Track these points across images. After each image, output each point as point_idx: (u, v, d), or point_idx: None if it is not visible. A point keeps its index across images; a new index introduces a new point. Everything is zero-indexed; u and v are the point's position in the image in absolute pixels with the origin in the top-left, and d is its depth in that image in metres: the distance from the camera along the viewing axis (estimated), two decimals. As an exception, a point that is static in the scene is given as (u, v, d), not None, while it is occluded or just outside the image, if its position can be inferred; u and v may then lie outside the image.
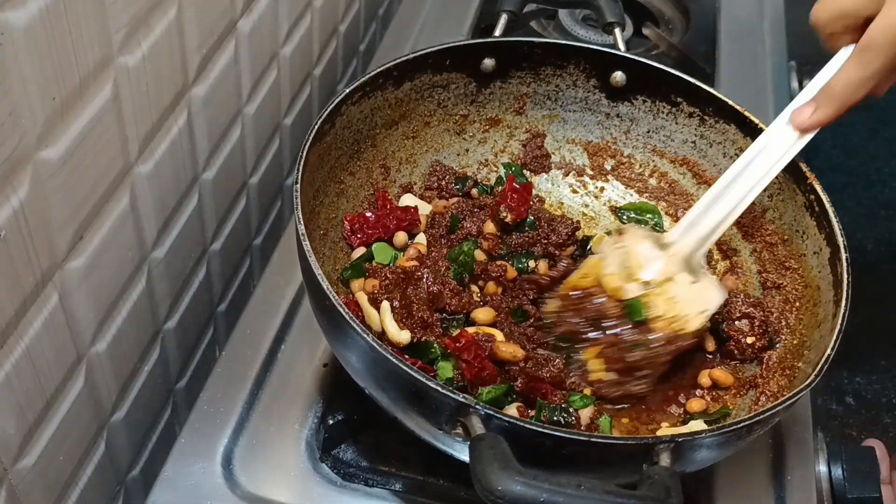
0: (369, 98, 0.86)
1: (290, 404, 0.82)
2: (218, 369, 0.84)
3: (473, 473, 0.57)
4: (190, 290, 0.94)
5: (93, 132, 0.65)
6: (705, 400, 0.80)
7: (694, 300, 0.79)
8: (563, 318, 0.81)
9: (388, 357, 0.62)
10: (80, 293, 0.70)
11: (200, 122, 0.84)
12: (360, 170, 0.89)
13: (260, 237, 1.13)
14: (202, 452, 0.78)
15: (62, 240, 0.65)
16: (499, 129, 0.97)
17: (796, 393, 0.66)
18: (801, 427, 0.85)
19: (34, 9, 0.55)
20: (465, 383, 0.74)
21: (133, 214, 0.76)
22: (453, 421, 0.62)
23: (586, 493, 0.55)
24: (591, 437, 0.61)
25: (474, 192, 0.94)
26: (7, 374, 0.62)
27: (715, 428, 0.63)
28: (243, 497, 0.76)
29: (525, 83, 0.95)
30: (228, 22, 0.84)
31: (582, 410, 0.76)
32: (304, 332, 0.88)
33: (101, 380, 0.78)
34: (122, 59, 0.67)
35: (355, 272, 0.82)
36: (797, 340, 0.80)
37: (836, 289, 0.75)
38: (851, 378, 1.73)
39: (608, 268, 0.81)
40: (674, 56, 1.25)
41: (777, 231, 0.87)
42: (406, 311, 0.76)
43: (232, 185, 0.98)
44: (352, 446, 0.81)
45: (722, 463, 0.80)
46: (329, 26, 1.15)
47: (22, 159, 0.57)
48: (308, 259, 0.68)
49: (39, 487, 0.71)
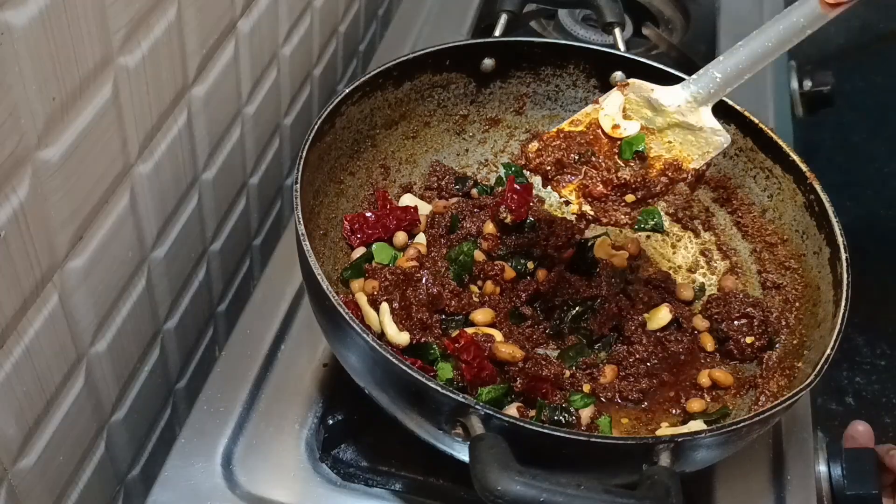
0: (369, 98, 0.86)
1: (289, 404, 0.82)
2: (218, 369, 0.84)
3: (473, 473, 0.57)
4: (190, 290, 0.94)
5: (93, 132, 0.65)
6: (705, 400, 0.80)
7: (695, 143, 0.77)
8: (545, 154, 0.78)
9: (387, 357, 0.62)
10: (80, 293, 0.70)
11: (200, 122, 0.84)
12: (359, 170, 0.89)
13: (260, 237, 1.13)
14: (202, 452, 0.78)
15: (62, 240, 0.65)
16: (499, 129, 0.97)
17: (796, 393, 0.66)
18: (801, 427, 0.85)
19: (34, 9, 0.55)
20: (464, 384, 0.74)
21: (133, 214, 0.76)
22: (453, 421, 0.62)
23: (586, 493, 0.55)
24: (590, 437, 0.61)
25: (474, 193, 0.94)
26: (7, 374, 0.62)
27: (715, 428, 0.63)
28: (243, 497, 0.76)
29: (525, 83, 0.95)
30: (228, 22, 0.84)
31: (582, 410, 0.76)
32: (304, 332, 0.88)
33: (101, 380, 0.78)
34: (122, 59, 0.67)
35: (355, 272, 0.82)
36: (797, 340, 0.80)
37: (836, 289, 0.75)
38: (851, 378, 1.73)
39: (605, 109, 0.79)
40: (674, 56, 1.25)
41: (777, 231, 0.87)
42: (405, 312, 0.76)
43: (232, 186, 0.98)
44: (352, 446, 0.81)
45: (722, 463, 0.80)
46: (329, 26, 1.15)
47: (22, 159, 0.57)
48: (308, 259, 0.68)
49: (39, 487, 0.71)
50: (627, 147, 0.76)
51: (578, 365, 0.82)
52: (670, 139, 0.77)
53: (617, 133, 0.77)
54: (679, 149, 0.77)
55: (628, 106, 0.78)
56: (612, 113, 0.78)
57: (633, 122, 0.78)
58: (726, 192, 0.91)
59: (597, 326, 0.83)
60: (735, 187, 0.90)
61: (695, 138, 0.76)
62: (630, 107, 0.78)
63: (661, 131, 0.77)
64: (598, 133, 0.78)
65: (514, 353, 0.76)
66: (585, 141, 0.78)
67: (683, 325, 0.85)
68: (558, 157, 0.77)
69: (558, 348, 0.83)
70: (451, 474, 0.78)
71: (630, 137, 0.77)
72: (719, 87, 0.75)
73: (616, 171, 0.76)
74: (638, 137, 0.76)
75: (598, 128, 0.78)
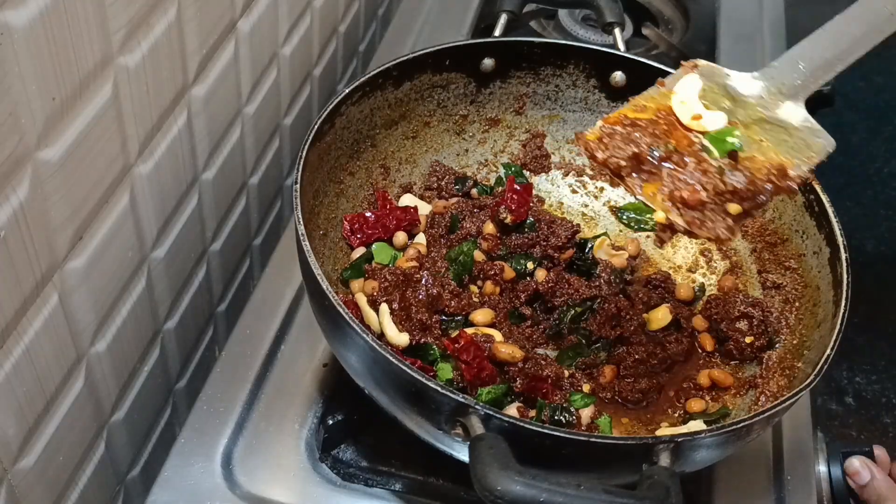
0: (369, 98, 0.86)
1: (289, 404, 0.82)
2: (218, 369, 0.84)
3: (473, 473, 0.57)
4: (190, 290, 0.94)
5: (92, 132, 0.65)
6: (705, 400, 0.80)
7: (792, 145, 0.64)
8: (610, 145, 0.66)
9: (387, 357, 0.62)
10: (80, 293, 0.70)
11: (200, 122, 0.84)
12: (359, 170, 0.89)
13: (260, 237, 1.13)
14: (202, 452, 0.78)
15: (62, 240, 0.65)
16: (499, 130, 0.97)
17: (796, 393, 0.66)
18: (801, 427, 0.85)
19: (34, 9, 0.55)
20: (464, 384, 0.74)
21: (133, 214, 0.76)
22: (453, 421, 0.62)
23: (586, 493, 0.55)
24: (590, 438, 0.61)
25: (474, 193, 0.94)
26: (7, 374, 0.62)
27: (715, 428, 0.63)
28: (243, 497, 0.76)
29: (525, 83, 0.95)
30: (228, 22, 0.84)
31: (583, 410, 0.76)
32: (304, 332, 0.88)
33: (101, 380, 0.78)
34: (122, 59, 0.67)
35: (355, 272, 0.82)
36: (797, 340, 0.80)
37: (836, 289, 0.75)
38: (851, 378, 1.73)
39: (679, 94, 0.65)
40: (674, 56, 1.25)
41: (777, 231, 0.87)
42: (405, 313, 0.76)
43: (232, 186, 0.98)
44: (352, 446, 0.81)
45: (722, 463, 0.80)
46: (329, 26, 1.15)
47: (22, 159, 0.57)
48: (308, 259, 0.68)
49: (39, 487, 0.71)
50: (717, 143, 0.63)
51: (578, 365, 0.82)
52: (760, 137, 0.64)
53: (698, 125, 0.64)
54: (774, 150, 0.64)
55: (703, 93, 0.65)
56: (688, 99, 0.65)
57: (716, 112, 0.65)
58: (726, 192, 0.91)
59: (596, 327, 0.83)
60: (735, 187, 0.90)
61: (790, 138, 0.64)
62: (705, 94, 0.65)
63: (748, 126, 0.64)
64: (672, 122, 0.65)
65: (514, 354, 0.76)
66: (660, 132, 0.64)
67: (683, 325, 0.85)
68: (636, 151, 0.64)
69: (558, 348, 0.83)
70: (451, 474, 0.78)
71: (718, 132, 0.64)
72: (807, 79, 0.64)
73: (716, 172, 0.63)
74: (727, 131, 0.64)
75: (672, 115, 0.65)
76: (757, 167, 0.63)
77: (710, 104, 0.65)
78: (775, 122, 0.64)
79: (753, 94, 0.65)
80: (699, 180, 0.63)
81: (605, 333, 0.83)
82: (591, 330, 0.83)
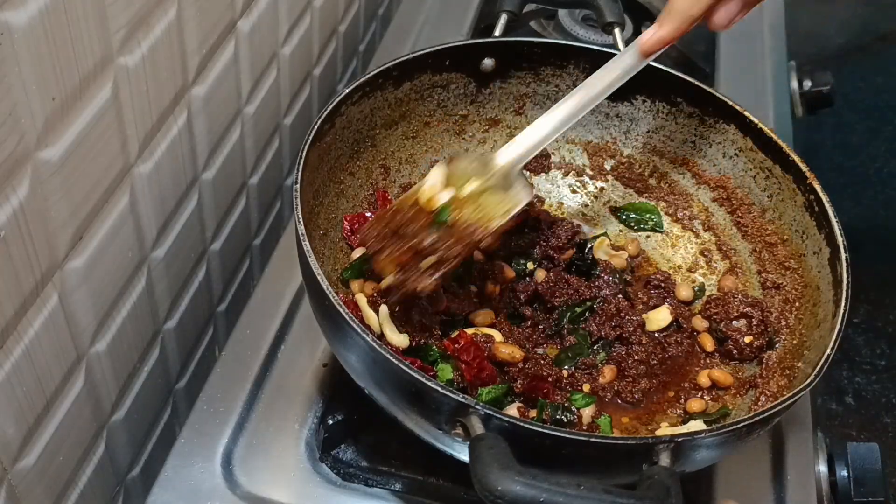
0: (369, 98, 0.86)
1: (289, 404, 0.82)
2: (218, 369, 0.84)
3: (473, 473, 0.57)
4: (190, 290, 0.94)
5: (92, 132, 0.65)
6: (705, 400, 0.80)
7: (500, 202, 0.77)
8: (379, 237, 0.78)
9: (387, 357, 0.62)
10: (80, 293, 0.70)
11: (200, 122, 0.84)
12: (359, 170, 0.89)
13: (260, 237, 1.13)
14: (202, 452, 0.78)
15: (62, 240, 0.65)
16: (499, 130, 0.97)
17: (796, 393, 0.66)
18: (801, 427, 0.85)
19: (34, 9, 0.55)
20: (464, 384, 0.74)
21: (133, 214, 0.76)
22: (453, 421, 0.62)
23: (586, 493, 0.55)
24: (590, 437, 0.61)
25: (474, 193, 0.94)
26: (7, 374, 0.62)
27: (715, 428, 0.63)
28: (243, 497, 0.76)
29: (525, 83, 0.95)
30: (228, 22, 0.84)
31: (583, 409, 0.76)
32: (304, 332, 0.88)
33: (101, 380, 0.78)
34: (122, 59, 0.67)
35: (355, 272, 0.82)
36: (797, 340, 0.80)
37: (836, 289, 0.75)
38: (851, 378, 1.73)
39: (428, 182, 0.78)
40: (673, 56, 1.24)
41: (777, 231, 0.87)
42: (405, 314, 0.76)
43: (232, 185, 0.98)
44: (351, 446, 0.81)
45: (722, 463, 0.80)
46: (329, 26, 1.15)
47: (22, 159, 0.57)
48: (308, 259, 0.68)
49: (39, 488, 0.71)
50: (440, 215, 0.76)
51: (578, 365, 0.82)
52: (481, 201, 0.77)
53: (433, 205, 0.76)
54: (485, 211, 0.76)
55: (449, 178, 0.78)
56: (434, 184, 0.78)
57: (447, 191, 0.77)
58: (726, 191, 0.91)
59: (596, 327, 0.83)
60: (735, 187, 0.90)
61: (506, 194, 0.78)
62: (450, 179, 0.78)
63: (475, 197, 0.77)
64: (417, 205, 0.77)
65: (514, 354, 0.76)
66: (405, 220, 0.76)
67: (683, 325, 0.85)
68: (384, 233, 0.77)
69: (558, 348, 0.83)
70: (451, 474, 0.78)
71: (442, 206, 0.76)
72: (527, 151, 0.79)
73: (428, 238, 0.75)
74: (444, 210, 0.75)
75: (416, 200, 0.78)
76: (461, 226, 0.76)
77: (456, 184, 0.77)
78: (499, 186, 0.78)
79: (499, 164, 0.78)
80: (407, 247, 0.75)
81: (605, 333, 0.83)
82: (591, 330, 0.83)
